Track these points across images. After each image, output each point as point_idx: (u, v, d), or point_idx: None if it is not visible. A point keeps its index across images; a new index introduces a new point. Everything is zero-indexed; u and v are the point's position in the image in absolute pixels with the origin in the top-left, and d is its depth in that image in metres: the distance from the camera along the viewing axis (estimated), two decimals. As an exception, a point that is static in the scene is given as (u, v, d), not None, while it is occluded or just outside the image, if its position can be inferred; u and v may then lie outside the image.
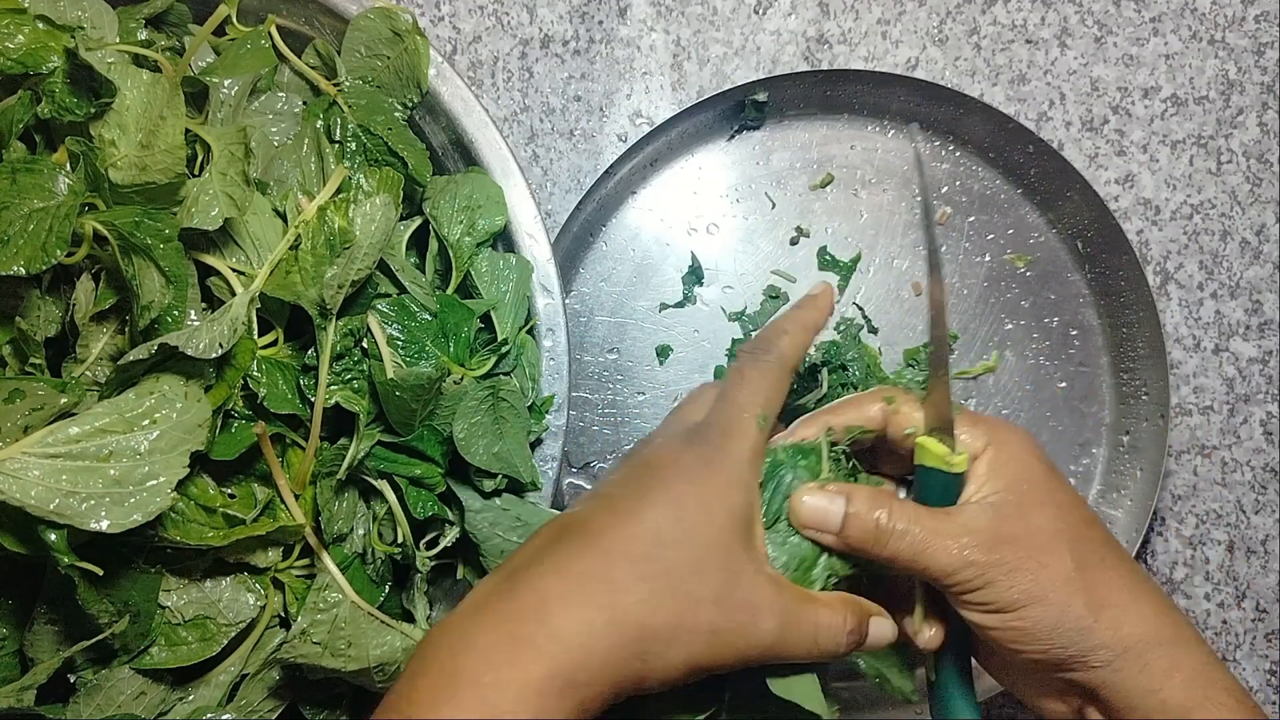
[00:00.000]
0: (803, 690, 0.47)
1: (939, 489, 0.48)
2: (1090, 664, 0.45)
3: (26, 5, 0.51)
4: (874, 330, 0.71)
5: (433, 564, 0.55)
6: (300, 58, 0.60)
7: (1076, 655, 0.45)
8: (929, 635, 0.50)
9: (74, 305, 0.50)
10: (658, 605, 0.43)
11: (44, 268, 0.46)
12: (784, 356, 0.51)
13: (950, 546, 0.46)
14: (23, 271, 0.46)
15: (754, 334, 0.70)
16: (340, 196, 0.53)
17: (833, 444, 0.50)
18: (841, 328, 0.71)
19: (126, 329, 0.50)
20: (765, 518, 0.48)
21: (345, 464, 0.52)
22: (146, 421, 0.46)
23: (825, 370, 0.69)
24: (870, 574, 0.49)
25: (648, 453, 0.49)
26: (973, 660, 0.51)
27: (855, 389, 0.68)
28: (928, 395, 0.50)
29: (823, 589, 0.48)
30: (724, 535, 0.45)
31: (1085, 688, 0.46)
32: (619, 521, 0.45)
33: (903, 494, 0.52)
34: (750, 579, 0.46)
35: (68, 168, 0.49)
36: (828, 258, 0.71)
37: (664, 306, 0.71)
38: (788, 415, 0.69)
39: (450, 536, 0.55)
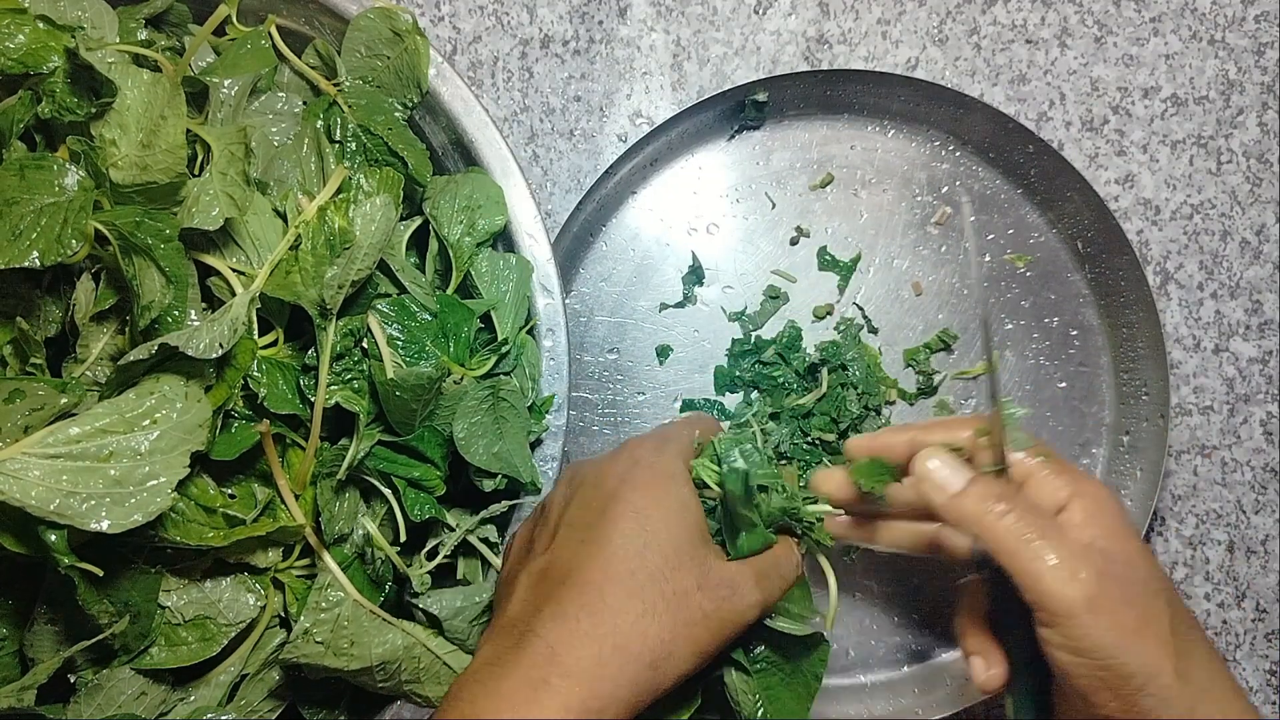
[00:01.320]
0: (797, 626, 0.53)
1: None
2: None
3: (27, 5, 0.51)
4: (874, 330, 0.71)
5: (431, 570, 0.55)
6: (300, 58, 0.59)
7: None
8: (989, 674, 0.51)
9: (74, 305, 0.50)
10: (653, 615, 0.47)
11: (60, 259, 0.46)
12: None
13: (1067, 555, 0.46)
14: (38, 263, 0.46)
15: (752, 333, 0.71)
16: (340, 196, 0.53)
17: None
18: (841, 328, 0.71)
19: (127, 329, 0.50)
20: (730, 490, 0.52)
21: (345, 464, 0.52)
22: (147, 422, 0.46)
23: (825, 370, 0.69)
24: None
25: (593, 477, 0.52)
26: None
27: (855, 389, 0.68)
28: (989, 444, 0.51)
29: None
30: (686, 530, 0.49)
31: None
32: (592, 552, 0.48)
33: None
34: (716, 559, 0.50)
35: (80, 162, 0.49)
36: (828, 258, 0.71)
37: (664, 306, 0.71)
38: (788, 415, 0.70)
39: (449, 545, 0.55)
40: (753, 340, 0.70)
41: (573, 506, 0.52)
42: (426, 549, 0.55)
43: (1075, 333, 0.71)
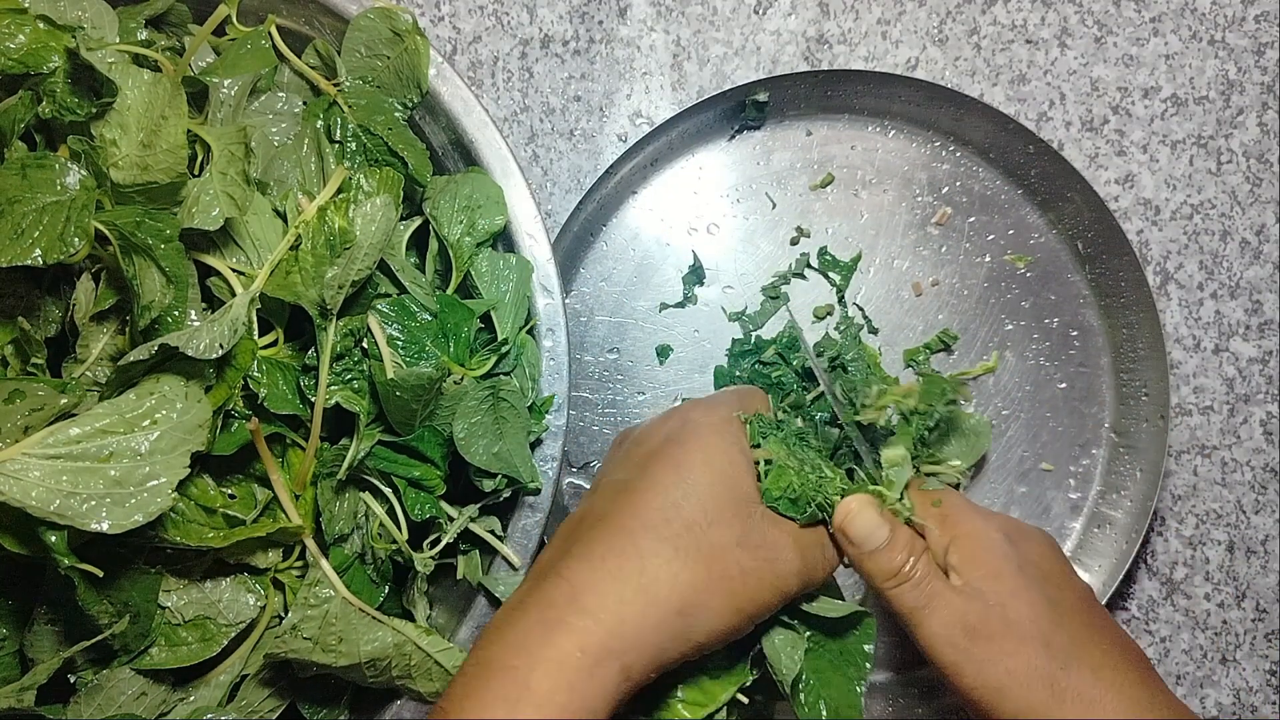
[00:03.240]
0: (836, 606, 0.53)
1: None
2: None
3: (27, 5, 0.51)
4: (874, 330, 0.71)
5: (434, 564, 0.55)
6: (300, 58, 0.59)
7: None
8: None
9: (74, 305, 0.50)
10: (684, 561, 0.46)
11: (62, 258, 0.46)
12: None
13: (946, 618, 0.49)
14: (40, 262, 0.46)
15: (752, 333, 0.71)
16: (340, 197, 0.53)
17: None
18: (842, 328, 0.71)
19: (127, 329, 0.50)
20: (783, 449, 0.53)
21: (345, 464, 0.52)
22: (147, 422, 0.45)
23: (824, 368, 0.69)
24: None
25: (641, 436, 0.53)
26: None
27: (855, 389, 0.68)
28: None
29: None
30: (729, 487, 0.49)
31: None
32: (631, 499, 0.48)
33: None
34: (760, 520, 0.50)
35: (81, 161, 0.49)
36: (828, 258, 0.71)
37: (664, 306, 0.71)
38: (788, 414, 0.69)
39: (450, 533, 0.54)
40: (753, 340, 0.70)
41: (616, 463, 0.52)
42: (429, 539, 0.55)
43: (1075, 333, 0.71)
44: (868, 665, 0.53)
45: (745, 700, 0.53)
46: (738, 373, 0.70)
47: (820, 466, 0.53)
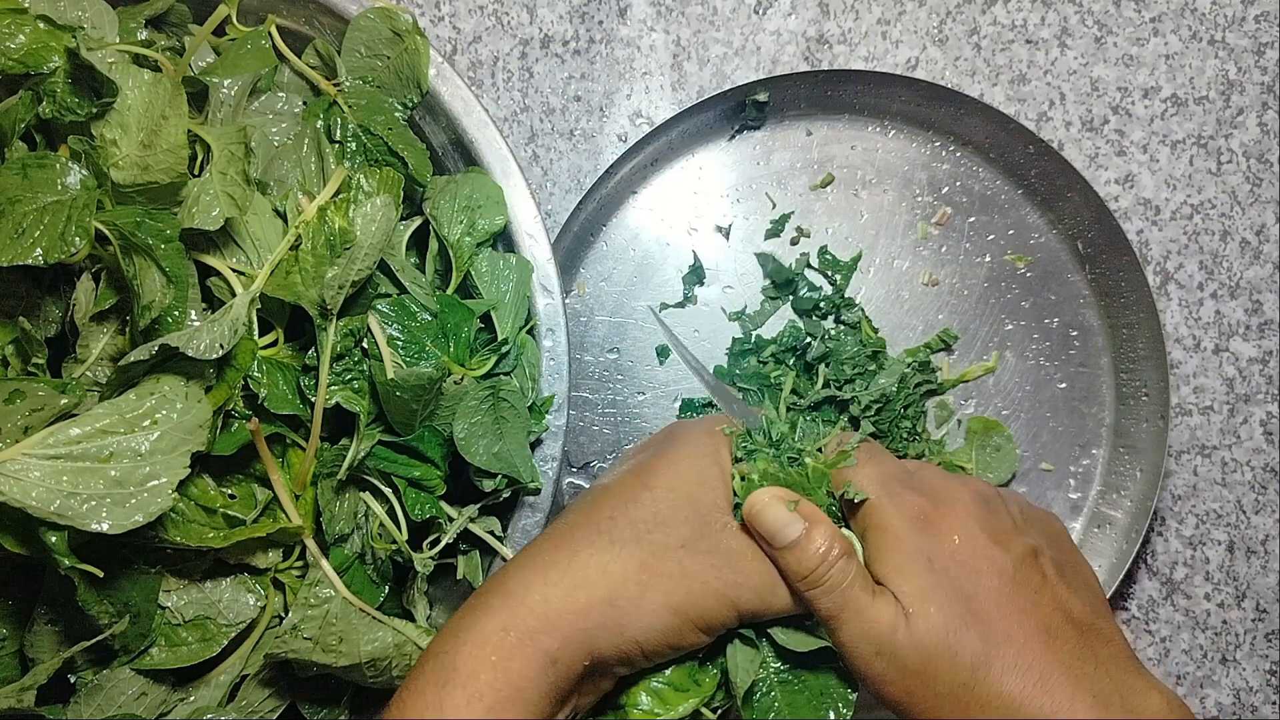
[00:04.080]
0: (799, 638, 0.50)
1: None
2: None
3: (27, 5, 0.51)
4: (874, 330, 0.71)
5: (434, 564, 0.55)
6: (300, 58, 0.59)
7: None
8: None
9: (74, 305, 0.50)
10: (617, 553, 0.46)
11: (63, 257, 0.46)
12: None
13: (855, 631, 0.46)
14: (42, 261, 0.46)
15: (752, 333, 0.71)
16: (340, 197, 0.53)
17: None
18: (841, 327, 0.71)
19: (127, 329, 0.50)
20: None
21: (345, 464, 0.52)
22: (147, 422, 0.45)
23: (824, 368, 0.69)
24: None
25: (633, 450, 0.54)
26: None
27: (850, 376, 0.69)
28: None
29: None
30: (691, 498, 0.48)
31: None
32: (590, 504, 0.49)
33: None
34: (721, 531, 0.48)
35: (81, 161, 0.49)
36: (828, 258, 0.71)
37: (664, 306, 0.71)
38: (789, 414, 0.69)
39: (450, 533, 0.55)
40: (753, 340, 0.70)
41: (602, 476, 0.53)
42: (429, 539, 0.55)
43: (1075, 333, 0.71)
44: (846, 711, 0.50)
45: (713, 717, 0.51)
46: (738, 372, 0.70)
47: (804, 485, 0.51)
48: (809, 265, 0.71)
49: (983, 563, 0.47)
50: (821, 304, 0.70)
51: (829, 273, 0.71)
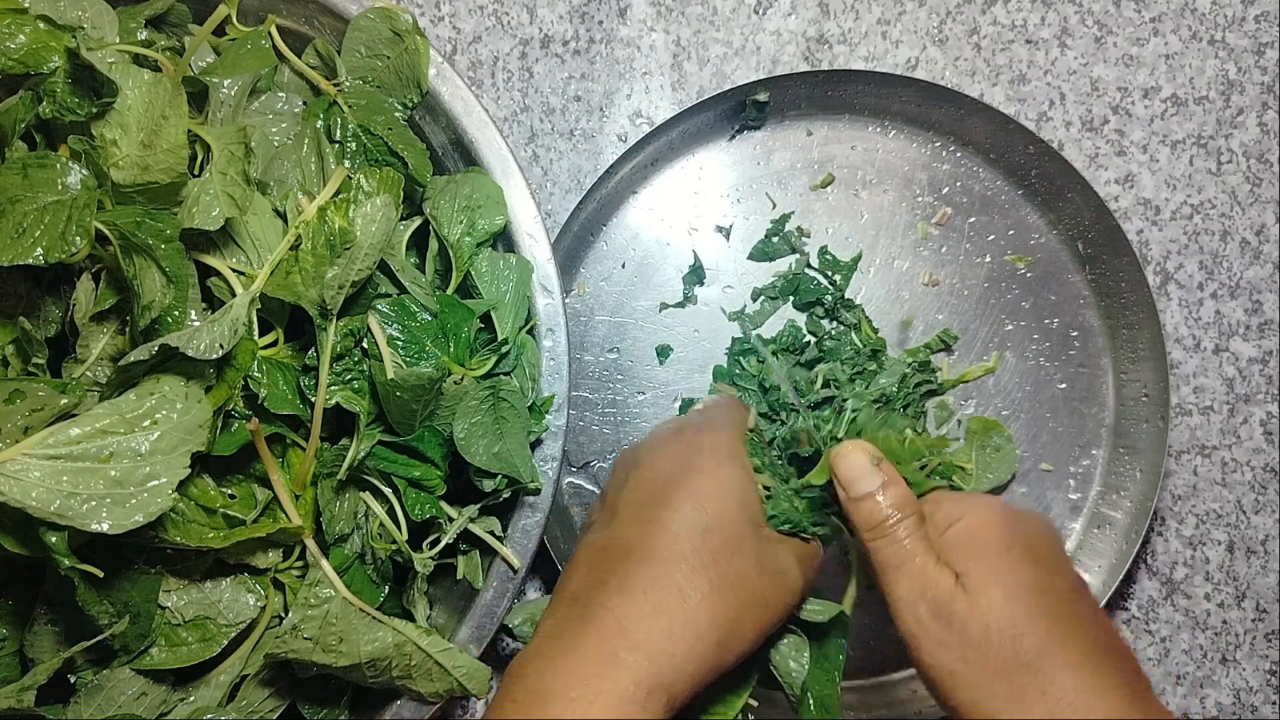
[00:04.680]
0: (823, 608, 0.56)
1: None
2: None
3: (27, 5, 0.51)
4: (874, 330, 0.71)
5: (434, 564, 0.55)
6: (300, 58, 0.59)
7: None
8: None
9: (74, 305, 0.50)
10: (720, 595, 0.48)
11: (63, 257, 0.46)
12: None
13: (915, 585, 0.49)
14: (42, 261, 0.46)
15: (752, 332, 0.71)
16: (340, 197, 0.53)
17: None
18: (841, 329, 0.71)
19: (127, 329, 0.50)
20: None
21: (345, 464, 0.52)
22: (147, 422, 0.45)
23: (823, 368, 0.68)
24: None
25: (649, 459, 0.54)
26: None
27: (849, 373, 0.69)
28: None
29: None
30: (744, 513, 0.51)
31: None
32: (654, 531, 0.49)
33: None
34: (768, 543, 0.52)
35: (81, 161, 0.49)
36: (828, 258, 0.71)
37: (664, 306, 0.71)
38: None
39: (450, 534, 0.55)
40: (753, 340, 0.70)
41: (630, 488, 0.53)
42: (429, 539, 0.55)
43: (1075, 334, 0.71)
44: (842, 659, 0.55)
45: (754, 703, 0.55)
46: (737, 372, 0.70)
47: (899, 453, 0.55)
48: (809, 265, 0.71)
49: (1054, 566, 0.51)
50: (822, 303, 0.70)
51: (829, 273, 0.71)
